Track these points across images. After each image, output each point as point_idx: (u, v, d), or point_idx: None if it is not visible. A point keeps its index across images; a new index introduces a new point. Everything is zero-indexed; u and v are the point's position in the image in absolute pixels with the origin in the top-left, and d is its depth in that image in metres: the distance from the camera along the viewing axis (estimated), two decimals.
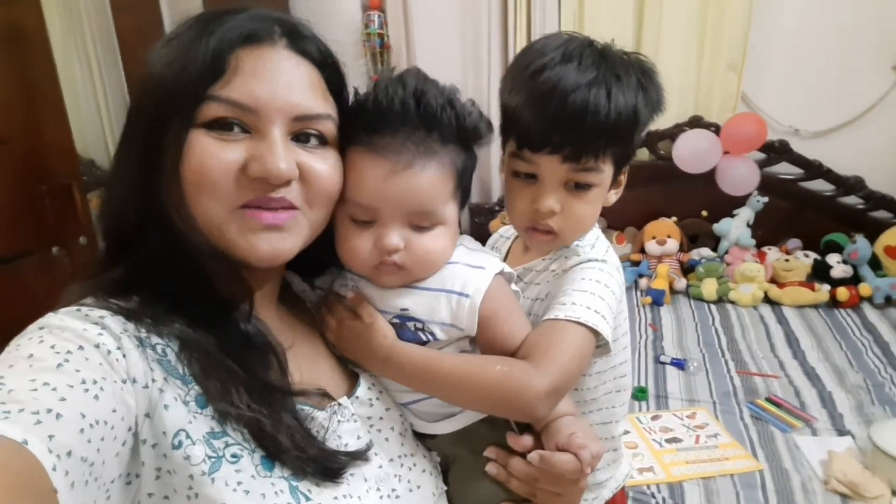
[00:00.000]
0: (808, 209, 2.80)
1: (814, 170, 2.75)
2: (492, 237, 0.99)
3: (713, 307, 2.57)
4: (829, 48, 2.69)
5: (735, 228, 2.77)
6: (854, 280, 2.55)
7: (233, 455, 0.54)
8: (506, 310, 0.71)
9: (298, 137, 0.60)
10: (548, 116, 0.71)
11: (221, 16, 0.58)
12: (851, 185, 2.73)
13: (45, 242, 1.58)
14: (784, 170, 2.79)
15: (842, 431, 1.70)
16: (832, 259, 2.61)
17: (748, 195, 2.75)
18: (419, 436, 0.75)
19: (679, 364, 2.10)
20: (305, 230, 0.62)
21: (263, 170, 0.56)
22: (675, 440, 1.70)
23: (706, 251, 2.83)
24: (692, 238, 2.92)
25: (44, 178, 1.56)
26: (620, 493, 0.95)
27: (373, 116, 0.64)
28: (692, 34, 2.78)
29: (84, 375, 0.47)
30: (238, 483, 0.53)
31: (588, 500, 0.90)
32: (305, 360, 0.66)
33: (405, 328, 0.69)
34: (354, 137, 0.65)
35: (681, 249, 2.81)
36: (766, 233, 2.81)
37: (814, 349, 2.19)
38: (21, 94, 1.51)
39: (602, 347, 0.75)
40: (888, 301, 2.48)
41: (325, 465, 0.59)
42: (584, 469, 0.62)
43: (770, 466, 1.57)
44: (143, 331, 0.55)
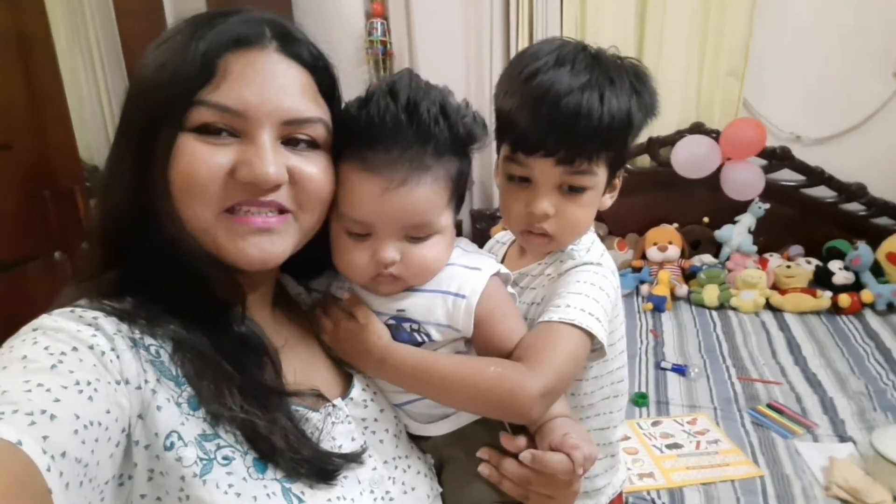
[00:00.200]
0: (810, 216, 2.80)
1: (816, 176, 2.75)
2: (488, 242, 1.00)
3: (714, 313, 2.56)
4: (831, 55, 2.70)
5: (737, 235, 2.77)
6: (856, 287, 2.54)
7: (224, 457, 0.54)
8: (501, 311, 0.71)
9: (289, 141, 0.60)
10: (541, 120, 0.71)
11: (212, 19, 0.58)
12: (853, 192, 2.73)
13: (49, 247, 1.58)
14: (786, 176, 2.80)
15: (843, 438, 1.69)
16: (834, 266, 2.60)
17: (749, 202, 2.75)
18: (414, 438, 0.75)
19: (680, 370, 2.09)
20: (296, 234, 0.62)
21: (252, 175, 0.56)
22: (676, 446, 1.70)
23: (708, 257, 2.83)
24: (694, 244, 2.92)
25: (48, 183, 1.57)
26: (618, 500, 0.94)
27: (365, 132, 0.63)
28: (694, 40, 2.79)
29: (78, 376, 0.47)
30: (229, 485, 0.53)
31: None
32: (300, 362, 0.66)
33: (401, 329, 0.69)
34: (347, 151, 0.65)
35: (682, 256, 2.81)
36: (768, 239, 2.80)
37: (815, 356, 2.18)
38: (26, 99, 1.52)
39: (597, 351, 0.75)
40: (890, 308, 2.48)
41: (320, 467, 0.58)
42: (577, 470, 0.62)
43: (771, 472, 1.56)
44: (137, 332, 0.55)
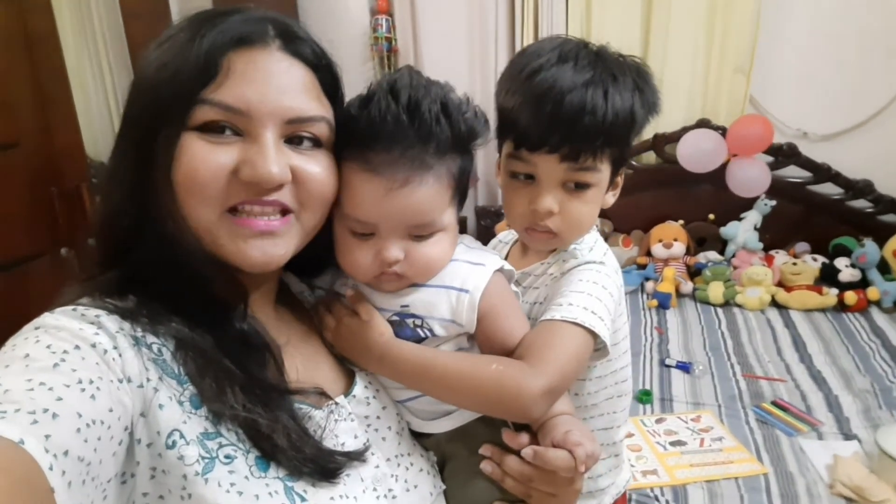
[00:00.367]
0: (817, 213, 2.79)
1: (822, 173, 2.73)
2: (491, 242, 1.00)
3: (720, 311, 2.56)
4: (838, 51, 2.68)
5: (742, 232, 2.76)
6: (862, 284, 2.53)
7: (226, 456, 0.54)
8: (504, 307, 0.71)
9: (292, 140, 0.60)
10: (546, 116, 0.71)
11: (214, 17, 0.57)
12: (860, 189, 2.71)
13: (56, 244, 1.59)
14: (792, 173, 2.78)
15: (848, 436, 1.69)
16: (840, 263, 2.59)
17: (756, 198, 2.74)
18: (416, 435, 0.75)
19: (684, 367, 2.09)
20: (299, 234, 0.62)
21: (255, 174, 0.55)
22: (680, 443, 1.70)
23: (713, 254, 2.82)
24: (699, 241, 2.91)
25: (55, 181, 1.58)
26: (622, 499, 0.94)
27: (367, 133, 0.63)
28: (700, 37, 2.77)
29: (80, 375, 0.47)
30: (231, 484, 0.53)
31: None
32: (302, 360, 0.67)
33: (404, 325, 0.70)
34: (349, 151, 0.65)
35: (687, 253, 2.80)
36: (774, 236, 2.79)
37: (821, 353, 2.17)
38: (33, 99, 1.53)
39: (600, 351, 0.75)
40: None
41: (322, 465, 0.58)
42: (579, 467, 0.62)
43: (775, 470, 1.56)
44: (139, 330, 0.55)
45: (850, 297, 2.45)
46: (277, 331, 0.65)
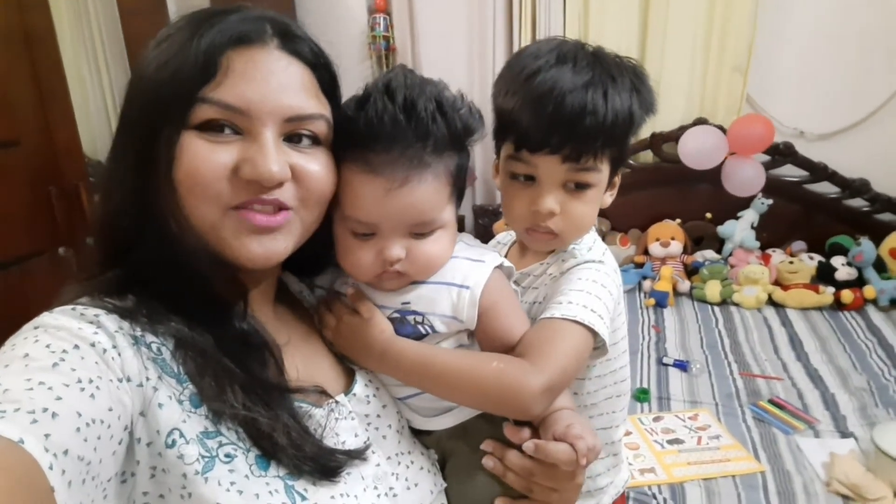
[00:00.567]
0: (813, 211, 2.80)
1: (819, 172, 2.75)
2: (489, 243, 1.00)
3: (717, 309, 2.57)
4: (835, 50, 2.69)
5: (739, 230, 2.77)
6: (859, 282, 2.54)
7: (226, 455, 0.54)
8: (505, 303, 0.72)
9: (291, 138, 0.60)
10: (546, 117, 0.72)
11: (212, 17, 0.58)
12: (857, 188, 2.72)
13: (55, 243, 1.59)
14: (789, 172, 2.79)
15: (844, 433, 1.70)
16: (837, 261, 2.60)
17: (752, 197, 2.75)
18: (416, 433, 0.75)
19: (682, 365, 2.10)
20: (298, 231, 0.62)
21: (255, 172, 0.56)
22: (677, 441, 1.71)
23: (710, 253, 2.83)
24: (696, 240, 2.92)
25: (53, 180, 1.58)
26: (621, 499, 0.95)
27: (364, 134, 0.64)
28: (698, 36, 2.78)
29: (80, 374, 0.47)
30: (231, 483, 0.53)
31: None
32: (302, 359, 0.67)
33: (405, 322, 0.70)
34: (348, 153, 0.65)
35: (685, 251, 2.81)
36: (771, 235, 2.80)
37: (817, 351, 2.18)
38: (32, 98, 1.53)
39: (600, 349, 0.75)
40: (893, 303, 2.48)
41: (323, 464, 0.58)
42: (580, 460, 0.62)
43: (772, 468, 1.57)
44: (139, 329, 0.55)
45: (847, 296, 2.46)
46: (277, 330, 0.65)
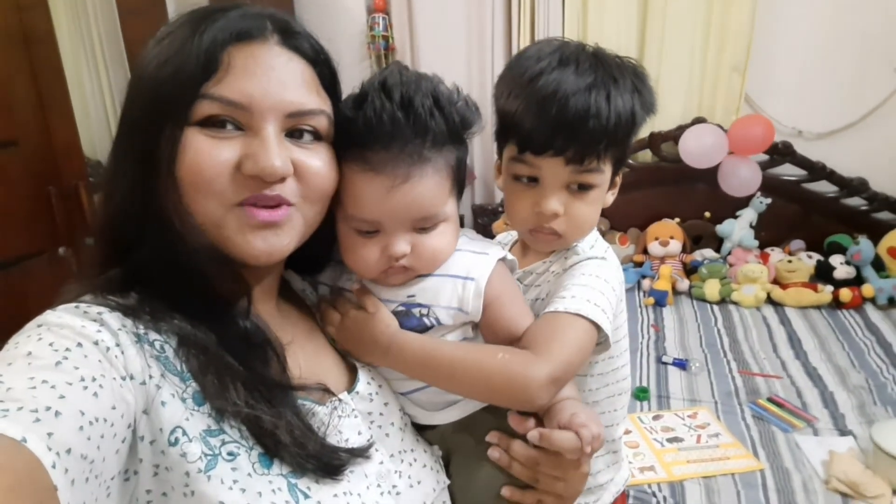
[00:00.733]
0: (812, 210, 2.81)
1: (817, 171, 2.75)
2: None
3: (716, 308, 2.57)
4: (833, 50, 2.70)
5: (738, 229, 2.77)
6: (857, 281, 2.55)
7: (229, 453, 0.54)
8: (509, 295, 0.73)
9: (292, 134, 0.60)
10: (550, 120, 0.72)
11: (212, 14, 0.58)
12: (855, 187, 2.73)
13: (54, 243, 1.59)
14: (787, 171, 2.80)
15: (843, 431, 1.70)
16: (835, 260, 2.61)
17: (751, 196, 2.75)
18: (420, 429, 0.75)
19: (681, 364, 2.10)
20: (300, 226, 0.62)
21: (258, 168, 0.56)
22: (677, 440, 1.71)
23: (709, 252, 2.83)
24: (695, 239, 2.93)
25: (53, 180, 1.58)
26: (621, 497, 0.95)
27: (364, 133, 0.64)
28: (696, 36, 2.78)
29: (83, 373, 0.47)
30: (234, 481, 0.53)
31: (590, 503, 0.90)
32: (305, 357, 0.67)
33: (410, 315, 0.71)
34: (348, 152, 0.65)
35: (684, 250, 2.82)
36: (770, 234, 2.81)
37: (816, 350, 2.19)
38: (31, 98, 1.53)
39: (602, 344, 0.76)
40: (891, 302, 2.48)
41: (326, 462, 0.58)
42: (584, 448, 0.62)
43: (771, 466, 1.57)
44: (142, 327, 0.55)
45: (845, 295, 2.47)
46: (280, 328, 0.65)
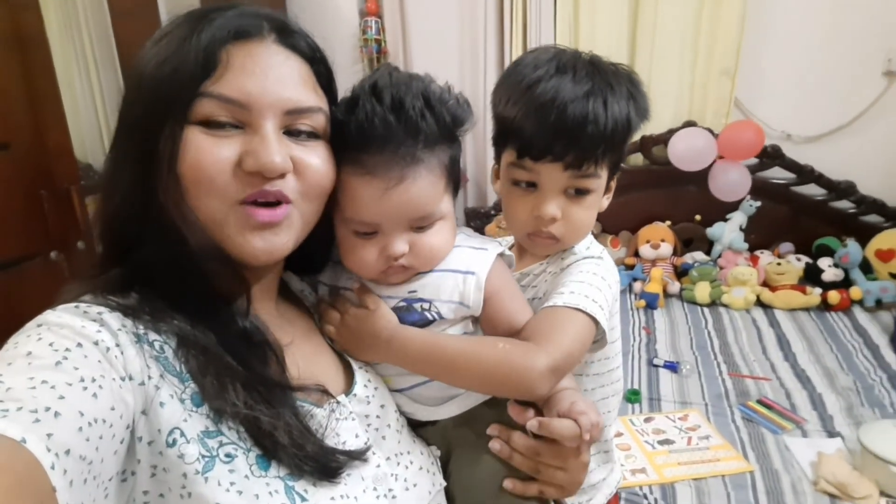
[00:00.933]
0: (801, 214, 2.83)
1: (806, 175, 2.78)
2: None
3: (706, 310, 2.59)
4: (822, 54, 2.73)
5: (728, 232, 2.80)
6: (845, 283, 2.58)
7: (227, 455, 0.54)
8: (509, 289, 0.74)
9: (290, 131, 0.61)
10: (549, 126, 0.74)
11: (209, 13, 0.58)
12: (843, 190, 2.76)
13: (46, 246, 1.58)
14: (777, 175, 2.82)
15: (831, 433, 1.72)
16: (824, 263, 2.64)
17: (741, 199, 2.78)
18: (420, 426, 0.75)
19: (672, 367, 2.12)
20: (299, 225, 0.62)
21: (258, 164, 0.56)
22: (668, 442, 1.73)
23: (700, 255, 2.86)
24: (686, 242, 2.95)
25: (45, 183, 1.57)
26: (613, 499, 0.96)
27: (357, 137, 0.65)
28: (686, 40, 2.81)
29: (83, 373, 0.47)
30: (231, 483, 0.53)
31: (583, 502, 0.91)
32: (304, 358, 0.67)
33: (411, 310, 0.71)
34: (342, 156, 0.66)
35: (674, 253, 2.84)
36: (759, 237, 2.83)
37: (805, 352, 2.21)
38: (23, 100, 1.52)
39: (598, 342, 0.77)
40: (879, 304, 2.51)
41: (324, 464, 0.58)
42: (584, 435, 0.63)
43: (761, 467, 1.59)
44: (141, 327, 0.55)
45: (834, 297, 2.49)
46: (280, 329, 0.66)
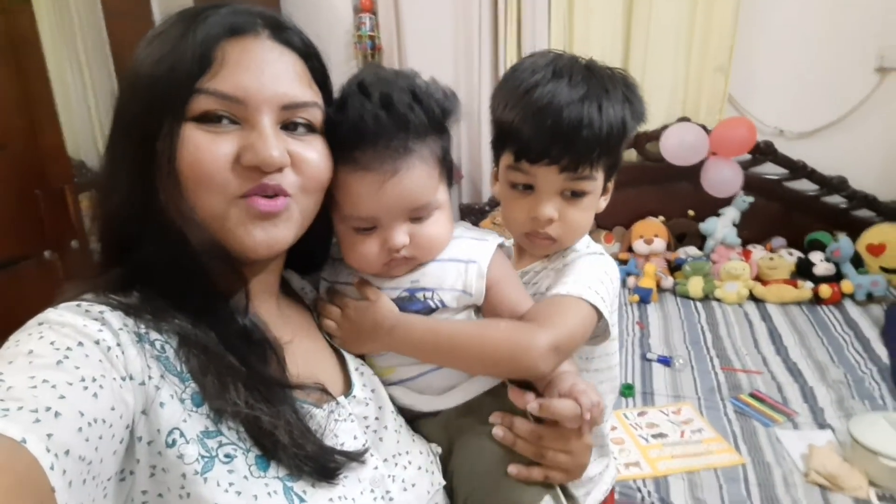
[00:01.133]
0: (793, 209, 2.85)
1: (798, 170, 2.80)
2: None
3: (699, 305, 2.61)
4: (814, 51, 2.74)
5: (721, 227, 2.81)
6: (837, 277, 2.59)
7: (226, 455, 0.54)
8: (510, 278, 0.76)
9: (287, 126, 0.61)
10: (546, 130, 0.75)
11: (203, 11, 0.59)
12: (835, 185, 2.78)
13: (40, 246, 1.58)
14: (769, 170, 2.84)
15: (822, 425, 1.74)
16: (815, 257, 2.65)
17: (734, 195, 2.79)
18: (421, 420, 0.76)
19: (665, 361, 2.14)
20: (298, 219, 0.63)
21: (257, 158, 0.57)
22: (661, 435, 1.74)
23: (693, 250, 2.87)
24: (679, 237, 2.96)
25: (38, 183, 1.57)
26: (610, 496, 0.97)
27: (349, 135, 0.66)
28: (680, 37, 2.82)
29: (83, 373, 0.47)
30: (230, 484, 0.53)
31: (580, 496, 0.91)
32: (303, 357, 0.67)
33: (414, 300, 0.72)
34: (337, 155, 0.67)
35: (668, 248, 2.86)
36: (752, 232, 2.85)
37: (796, 345, 2.23)
38: (17, 101, 1.52)
39: (601, 336, 0.78)
40: (869, 298, 2.53)
41: (323, 464, 0.58)
42: (584, 414, 0.63)
43: (752, 460, 1.61)
44: (143, 327, 0.55)
45: (825, 291, 2.52)
46: (280, 327, 0.66)
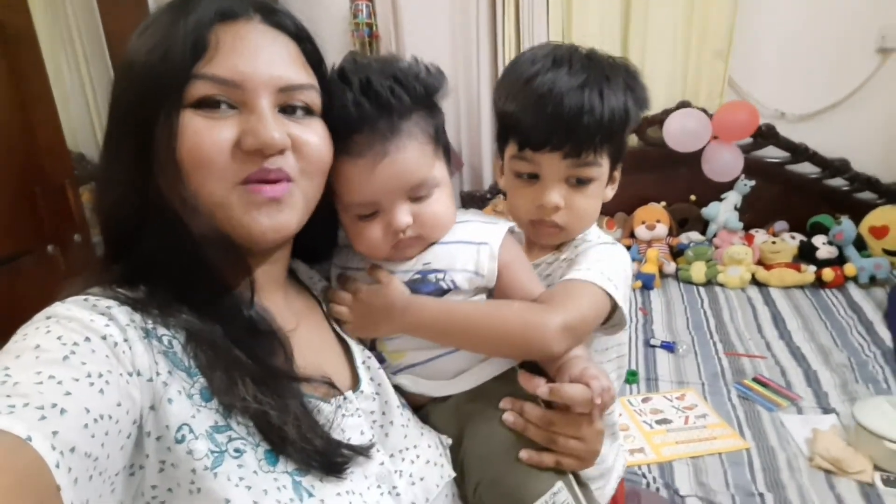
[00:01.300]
0: (795, 192, 2.84)
1: (800, 153, 2.78)
2: None
3: (702, 290, 2.61)
4: (815, 32, 2.72)
5: (723, 212, 2.80)
6: (839, 261, 2.59)
7: (236, 450, 0.54)
8: (521, 261, 0.76)
9: (285, 109, 0.61)
10: (547, 117, 0.75)
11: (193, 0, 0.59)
12: (837, 168, 2.76)
13: (41, 241, 1.59)
14: (771, 153, 2.82)
15: (826, 409, 1.74)
16: (818, 240, 2.65)
17: (735, 179, 2.78)
18: (430, 405, 0.76)
19: (669, 347, 2.14)
20: (301, 202, 0.63)
21: (258, 141, 0.56)
22: (665, 421, 1.75)
23: (695, 235, 2.87)
24: (681, 222, 2.96)
25: (38, 178, 1.57)
26: (620, 487, 0.97)
27: (336, 125, 0.66)
28: (679, 21, 2.79)
29: (90, 369, 0.47)
30: (240, 478, 0.53)
31: (599, 488, 0.91)
32: (311, 349, 0.67)
33: (426, 281, 0.72)
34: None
35: (670, 233, 2.85)
36: (754, 216, 2.84)
37: (800, 329, 2.23)
38: (14, 97, 1.51)
39: (618, 325, 0.78)
40: (872, 281, 2.53)
41: (330, 458, 0.58)
42: (595, 399, 0.63)
43: (757, 445, 1.61)
44: (150, 322, 0.55)
45: (828, 274, 2.51)
46: (287, 319, 0.66)
